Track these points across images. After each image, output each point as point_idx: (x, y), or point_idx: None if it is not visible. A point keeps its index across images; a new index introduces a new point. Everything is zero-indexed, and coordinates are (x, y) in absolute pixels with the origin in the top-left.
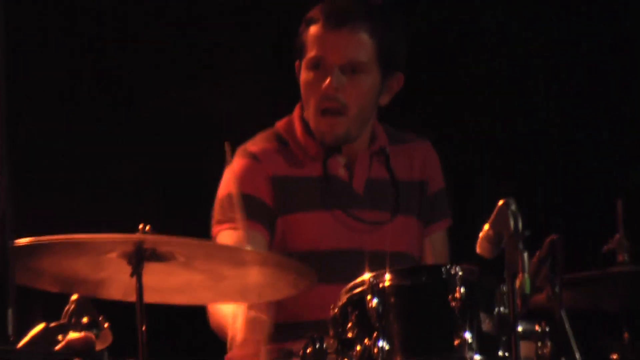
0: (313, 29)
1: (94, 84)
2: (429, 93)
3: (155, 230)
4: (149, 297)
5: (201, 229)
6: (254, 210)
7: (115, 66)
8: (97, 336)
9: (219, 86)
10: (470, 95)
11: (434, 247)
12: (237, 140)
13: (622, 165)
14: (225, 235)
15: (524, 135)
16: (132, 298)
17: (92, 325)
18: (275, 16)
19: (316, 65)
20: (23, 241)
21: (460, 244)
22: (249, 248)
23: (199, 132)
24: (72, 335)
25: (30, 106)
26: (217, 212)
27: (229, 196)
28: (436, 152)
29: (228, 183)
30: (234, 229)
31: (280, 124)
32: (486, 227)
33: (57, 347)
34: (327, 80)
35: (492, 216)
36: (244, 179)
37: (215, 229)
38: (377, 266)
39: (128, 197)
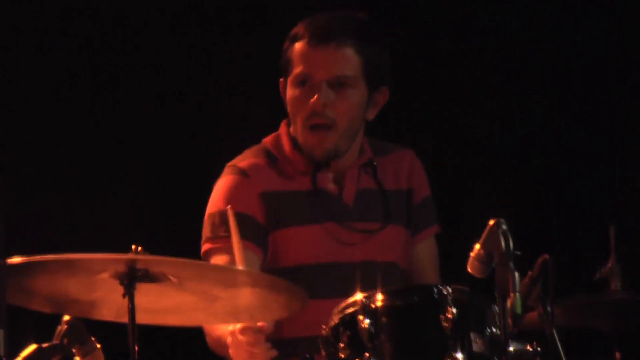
0: (298, 46)
1: (88, 100)
2: (416, 111)
3: (148, 251)
4: (142, 318)
5: (194, 250)
6: (246, 228)
7: (110, 82)
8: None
9: (212, 105)
10: (463, 116)
11: (422, 255)
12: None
13: (614, 191)
14: (216, 256)
15: (517, 157)
16: (125, 319)
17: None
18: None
19: (302, 82)
20: (15, 260)
21: (451, 264)
22: (241, 267)
23: (193, 151)
24: None
25: (22, 124)
26: (206, 229)
27: (220, 213)
28: (420, 161)
29: (218, 200)
30: (223, 248)
31: (267, 140)
32: (477, 246)
33: None
34: (315, 97)
35: (483, 236)
36: (234, 196)
37: (204, 246)
38: (367, 277)
39: (121, 218)
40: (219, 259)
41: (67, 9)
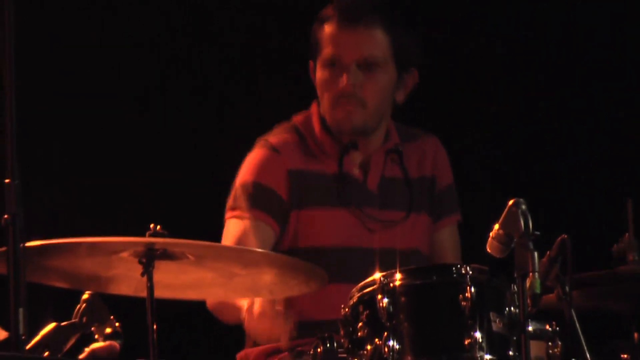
0: (327, 28)
1: (105, 86)
2: (440, 91)
3: (167, 228)
4: (160, 293)
5: (213, 227)
6: (267, 201)
7: (125, 67)
8: (121, 345)
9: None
10: (481, 95)
11: (444, 242)
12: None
13: (632, 165)
14: (232, 224)
15: (534, 136)
16: (143, 294)
17: (116, 335)
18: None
19: (332, 63)
20: (34, 244)
21: (471, 244)
22: (253, 240)
23: (212, 130)
24: (96, 344)
25: (41, 109)
26: (231, 198)
27: (244, 185)
28: (444, 148)
29: (246, 172)
30: (241, 218)
31: (297, 118)
32: (496, 227)
33: (81, 356)
34: (344, 78)
35: (502, 216)
36: (262, 169)
37: (227, 214)
38: (387, 264)
39: (139, 196)
40: (232, 228)
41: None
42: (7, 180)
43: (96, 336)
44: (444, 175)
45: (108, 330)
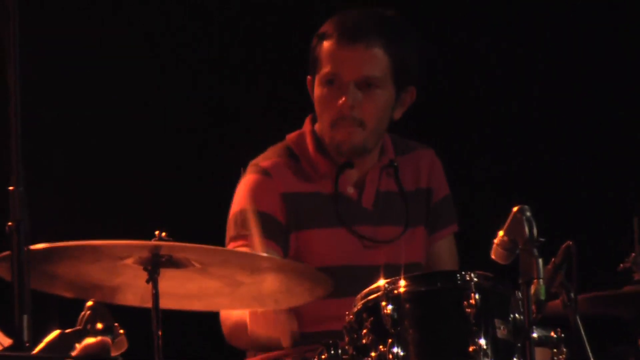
0: (327, 45)
1: (110, 90)
2: (445, 97)
3: (172, 236)
4: (165, 303)
5: (218, 235)
6: (268, 228)
7: (130, 71)
8: (113, 341)
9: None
10: (489, 102)
11: (442, 253)
12: (254, 149)
13: (638, 182)
14: None
15: (541, 143)
16: (149, 304)
17: (108, 331)
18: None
19: (330, 82)
20: (39, 247)
21: (475, 251)
22: (264, 254)
23: (217, 137)
24: (88, 340)
25: (46, 115)
26: (230, 228)
27: (242, 212)
28: (440, 160)
29: (241, 199)
30: (248, 246)
31: (291, 138)
32: (501, 233)
33: (74, 353)
34: (343, 99)
35: (507, 223)
36: (257, 195)
37: (229, 245)
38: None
39: (145, 204)
40: None
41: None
42: (10, 188)
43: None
44: (439, 187)
45: (99, 325)
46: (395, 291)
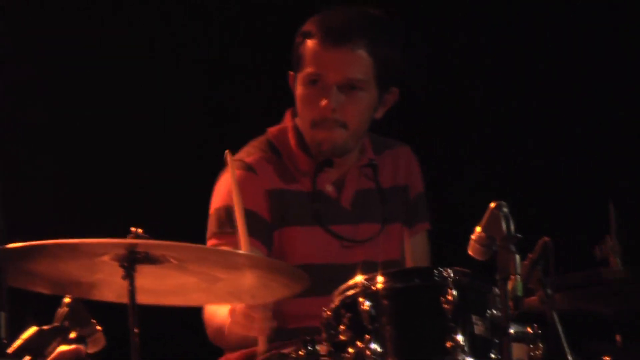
0: (310, 44)
1: (87, 87)
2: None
3: (148, 232)
4: (143, 299)
5: (195, 230)
6: (252, 225)
7: (109, 67)
8: (86, 347)
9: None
10: (462, 97)
11: (414, 248)
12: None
13: (613, 168)
14: None
15: (515, 139)
16: (126, 299)
17: (82, 340)
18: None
19: (313, 82)
20: (15, 245)
21: (452, 247)
22: (242, 251)
23: (193, 132)
24: (63, 347)
25: (23, 112)
26: (212, 223)
27: (225, 208)
28: (416, 157)
29: (224, 194)
30: (229, 244)
31: (272, 132)
32: (478, 229)
33: (48, 359)
34: (326, 101)
35: (484, 219)
36: (241, 191)
37: (210, 241)
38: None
39: (121, 201)
40: None
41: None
42: None
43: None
44: (415, 184)
45: (73, 334)
46: (373, 287)
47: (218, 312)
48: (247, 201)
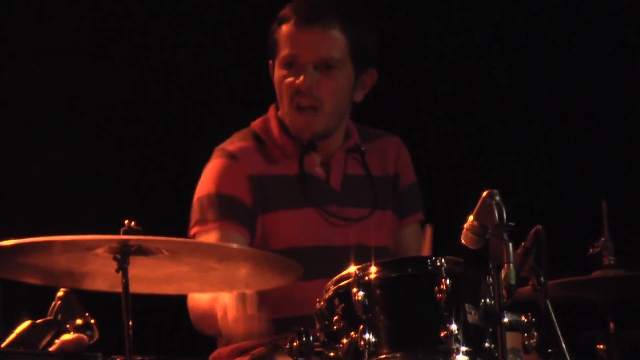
0: (285, 28)
1: (77, 83)
2: (413, 87)
3: (141, 225)
4: (136, 287)
5: (186, 221)
6: (234, 211)
7: (95, 63)
8: (90, 338)
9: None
10: (456, 91)
11: (409, 240)
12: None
13: (607, 165)
14: (202, 239)
15: (510, 128)
16: (119, 289)
17: (85, 327)
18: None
19: (289, 64)
20: (8, 243)
21: (446, 236)
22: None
23: (186, 125)
24: (65, 337)
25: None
26: (195, 211)
27: (208, 196)
28: (406, 147)
29: (207, 183)
30: (210, 231)
31: (255, 124)
32: (470, 218)
33: (51, 349)
34: (301, 78)
35: (477, 208)
36: (222, 179)
37: (193, 229)
38: (360, 261)
39: (114, 191)
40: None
41: None
42: None
43: (68, 326)
44: (406, 173)
45: (78, 322)
46: (366, 277)
47: (202, 299)
48: (229, 187)
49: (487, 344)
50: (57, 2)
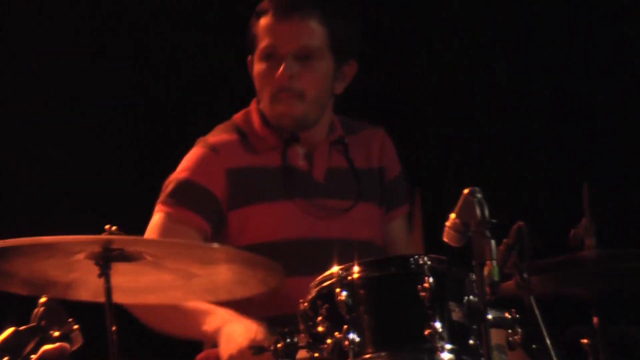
0: (263, 21)
1: (61, 84)
2: (394, 85)
3: (122, 230)
4: (119, 298)
5: None
6: (199, 201)
7: (81, 65)
8: (73, 345)
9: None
10: (435, 87)
11: (397, 233)
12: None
13: (587, 150)
14: (157, 218)
15: (489, 122)
16: (103, 299)
17: (66, 337)
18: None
19: (269, 56)
20: None
21: (428, 234)
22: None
23: (168, 129)
24: (47, 346)
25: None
26: (163, 190)
27: (175, 180)
28: (390, 138)
29: (182, 169)
30: (166, 213)
31: (237, 117)
32: (452, 216)
33: (34, 358)
34: (280, 70)
35: (458, 205)
36: (197, 168)
37: (156, 206)
38: (343, 255)
39: (95, 197)
40: (156, 222)
41: None
42: None
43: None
44: (392, 165)
45: (57, 333)
46: (349, 277)
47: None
48: (201, 177)
49: (471, 341)
50: (57, 2)
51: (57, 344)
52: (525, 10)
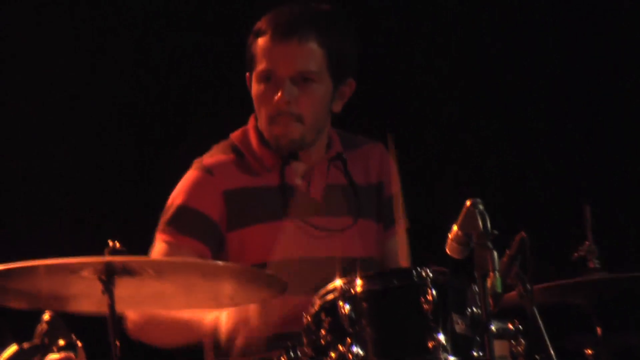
0: (261, 41)
1: (61, 99)
2: (395, 95)
3: (125, 245)
4: (122, 307)
5: None
6: (196, 226)
7: (81, 82)
8: (76, 356)
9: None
10: (438, 98)
11: (394, 252)
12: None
13: (590, 171)
14: (158, 246)
15: (493, 139)
16: (105, 309)
17: (70, 347)
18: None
19: (267, 78)
20: None
21: (430, 246)
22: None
23: (166, 144)
24: (52, 356)
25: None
26: (163, 217)
27: (172, 206)
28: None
29: (178, 194)
30: (166, 242)
31: (234, 136)
32: (455, 228)
33: None
34: (279, 94)
35: (460, 217)
36: (192, 192)
37: (157, 233)
38: (345, 273)
39: (96, 211)
40: (158, 250)
41: None
42: None
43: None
44: (391, 182)
45: (62, 342)
46: (352, 290)
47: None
48: (197, 202)
49: (475, 353)
50: (57, 2)
51: (62, 354)
52: (531, 17)
